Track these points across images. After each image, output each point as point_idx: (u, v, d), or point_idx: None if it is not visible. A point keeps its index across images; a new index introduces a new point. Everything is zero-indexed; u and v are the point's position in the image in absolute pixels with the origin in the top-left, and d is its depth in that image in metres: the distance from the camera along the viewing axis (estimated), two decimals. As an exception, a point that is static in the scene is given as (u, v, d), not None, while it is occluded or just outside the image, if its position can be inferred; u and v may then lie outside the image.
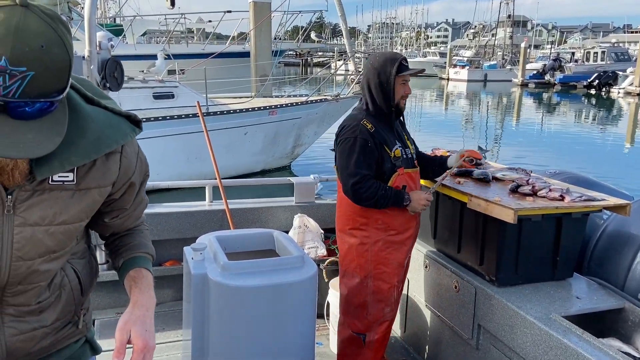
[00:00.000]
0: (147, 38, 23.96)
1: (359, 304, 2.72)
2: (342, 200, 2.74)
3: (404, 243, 2.72)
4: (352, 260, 2.70)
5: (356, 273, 2.70)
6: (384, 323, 2.77)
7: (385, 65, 2.56)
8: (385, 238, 2.65)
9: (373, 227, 2.63)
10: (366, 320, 2.73)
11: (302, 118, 11.48)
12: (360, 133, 2.52)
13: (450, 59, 52.86)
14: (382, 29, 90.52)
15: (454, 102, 33.88)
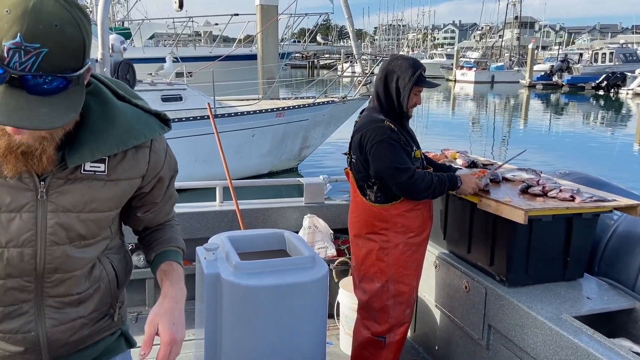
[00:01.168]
0: (154, 41, 24.10)
1: (380, 307, 2.72)
2: (357, 205, 2.71)
3: (422, 244, 2.73)
4: (372, 265, 2.69)
5: (377, 277, 2.69)
6: (404, 324, 2.78)
7: (406, 73, 2.56)
8: (405, 241, 2.64)
9: (393, 230, 2.62)
10: (387, 324, 2.72)
11: (310, 120, 11.51)
12: (389, 132, 2.51)
13: (457, 60, 52.77)
14: (389, 30, 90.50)
15: (460, 103, 33.80)
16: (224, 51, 15.73)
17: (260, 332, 2.42)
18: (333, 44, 46.57)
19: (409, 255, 2.67)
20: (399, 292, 2.69)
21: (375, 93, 2.67)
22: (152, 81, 10.23)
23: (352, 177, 2.72)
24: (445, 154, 3.34)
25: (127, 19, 23.79)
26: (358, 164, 2.63)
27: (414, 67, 2.57)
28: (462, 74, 50.11)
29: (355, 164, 2.66)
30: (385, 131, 2.51)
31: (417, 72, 2.55)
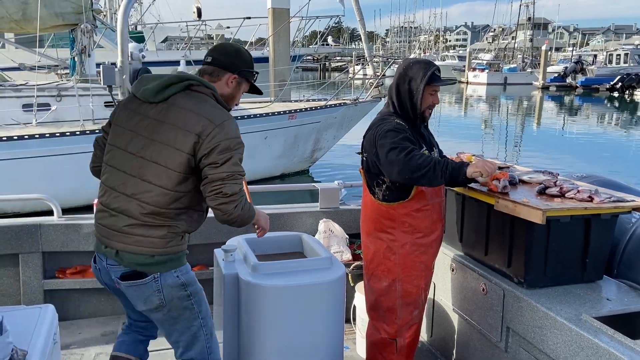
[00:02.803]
0: (167, 45, 24.29)
1: (387, 307, 2.73)
2: (367, 204, 2.75)
3: (431, 245, 2.72)
4: (380, 264, 2.71)
5: (384, 276, 2.70)
6: (413, 326, 2.78)
7: (417, 73, 2.56)
8: (412, 241, 2.64)
9: (400, 230, 2.63)
10: (395, 324, 2.72)
11: (322, 122, 11.53)
12: (396, 124, 2.52)
13: (470, 62, 52.51)
14: (401, 33, 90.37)
15: (473, 105, 33.64)
16: (236, 54, 15.75)
17: (279, 332, 2.43)
18: (344, 47, 46.61)
19: (417, 256, 2.66)
20: (406, 292, 2.69)
21: (389, 96, 2.68)
22: (166, 84, 10.31)
23: (364, 176, 2.74)
24: (460, 157, 3.33)
25: (140, 23, 24.02)
26: (369, 161, 2.65)
27: (426, 68, 2.57)
28: (474, 75, 49.84)
29: (366, 162, 2.68)
30: (392, 122, 2.53)
31: (429, 71, 2.55)
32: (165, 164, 2.00)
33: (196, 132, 1.98)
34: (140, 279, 2.04)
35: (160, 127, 2.03)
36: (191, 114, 2.01)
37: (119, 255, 2.06)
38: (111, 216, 2.09)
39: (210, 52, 2.23)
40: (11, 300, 3.48)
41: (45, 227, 3.47)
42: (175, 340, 2.25)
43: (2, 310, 2.36)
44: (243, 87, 2.27)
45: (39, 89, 8.69)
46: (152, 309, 2.12)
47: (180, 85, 2.08)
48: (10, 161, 7.98)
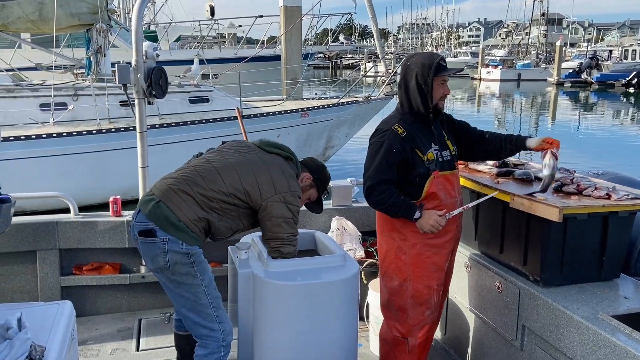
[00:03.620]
0: (180, 44, 24.42)
1: (399, 307, 2.72)
2: None
3: (443, 246, 2.68)
4: (391, 263, 2.70)
5: (395, 276, 2.69)
6: (425, 327, 2.76)
7: (424, 66, 2.52)
8: (423, 241, 2.62)
9: (410, 229, 2.60)
10: (407, 324, 2.71)
11: (334, 120, 11.51)
12: (388, 138, 2.51)
13: (483, 58, 52.05)
14: (413, 29, 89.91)
15: (486, 102, 33.37)
16: (248, 53, 15.85)
17: (293, 330, 2.44)
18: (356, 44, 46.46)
19: (428, 257, 2.64)
20: (418, 292, 2.67)
21: (399, 97, 2.66)
22: (179, 83, 10.38)
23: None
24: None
25: (153, 22, 24.18)
26: None
27: (430, 59, 2.54)
28: (487, 72, 49.36)
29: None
30: (384, 136, 2.54)
31: (433, 63, 2.51)
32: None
33: (265, 195, 2.44)
34: (151, 237, 2.33)
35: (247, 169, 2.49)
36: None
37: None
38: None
39: (306, 158, 2.81)
40: (29, 296, 3.53)
41: (62, 225, 3.52)
42: (181, 305, 2.43)
43: (20, 307, 2.39)
44: (312, 191, 2.74)
45: (56, 88, 8.79)
46: (157, 269, 2.38)
47: (282, 153, 2.62)
48: (29, 160, 8.09)
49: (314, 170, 2.73)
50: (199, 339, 2.46)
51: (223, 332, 2.45)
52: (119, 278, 3.64)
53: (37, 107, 8.83)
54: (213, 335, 2.44)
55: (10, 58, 10.47)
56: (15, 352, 1.92)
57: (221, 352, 2.46)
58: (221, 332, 2.45)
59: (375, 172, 2.51)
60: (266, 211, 2.43)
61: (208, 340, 2.44)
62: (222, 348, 2.46)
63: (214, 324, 2.44)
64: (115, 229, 3.54)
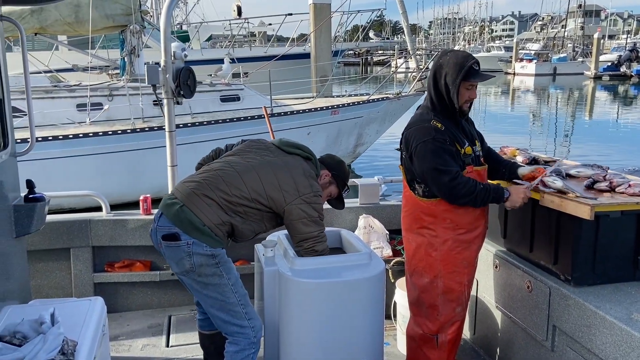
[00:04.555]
0: (211, 43, 24.73)
1: (429, 304, 2.69)
2: (407, 200, 2.72)
3: (473, 242, 2.67)
4: (421, 260, 2.68)
5: (425, 273, 2.67)
6: (456, 323, 2.73)
7: (454, 69, 2.49)
8: (454, 237, 2.60)
9: (441, 226, 2.59)
10: (438, 321, 2.69)
11: (364, 117, 11.47)
12: (434, 132, 2.48)
13: (517, 52, 50.92)
14: (444, 24, 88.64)
15: (520, 97, 32.65)
16: (278, 51, 15.95)
17: (319, 327, 2.44)
18: (386, 40, 46.12)
19: (459, 252, 2.62)
20: (449, 289, 2.65)
21: (427, 92, 2.63)
22: (211, 82, 10.52)
23: (403, 172, 2.72)
24: (504, 150, 3.24)
25: (185, 23, 24.56)
26: (407, 160, 2.63)
27: (462, 62, 2.49)
28: (521, 66, 48.28)
29: (405, 160, 2.67)
30: (430, 132, 2.49)
31: (465, 66, 2.47)
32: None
33: (289, 198, 2.45)
34: (176, 241, 2.35)
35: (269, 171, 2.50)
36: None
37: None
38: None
39: (324, 156, 2.84)
40: (63, 293, 3.64)
41: (95, 223, 3.62)
42: (209, 305, 2.46)
43: (54, 302, 2.47)
44: (332, 188, 2.75)
45: (92, 89, 9.04)
46: (183, 272, 2.41)
47: (301, 153, 2.64)
48: (66, 159, 8.35)
49: (332, 167, 2.74)
50: (230, 337, 2.49)
51: (253, 328, 2.48)
52: (149, 275, 3.72)
53: (74, 108, 9.10)
54: (243, 332, 2.46)
55: (48, 60, 10.80)
56: (48, 346, 1.98)
57: (252, 349, 2.48)
58: (251, 328, 2.47)
59: (445, 167, 2.45)
60: (292, 214, 2.43)
61: (239, 337, 2.47)
62: (252, 344, 2.48)
63: (244, 321, 2.46)
64: (145, 227, 3.62)
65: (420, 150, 2.50)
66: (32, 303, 2.63)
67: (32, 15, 8.57)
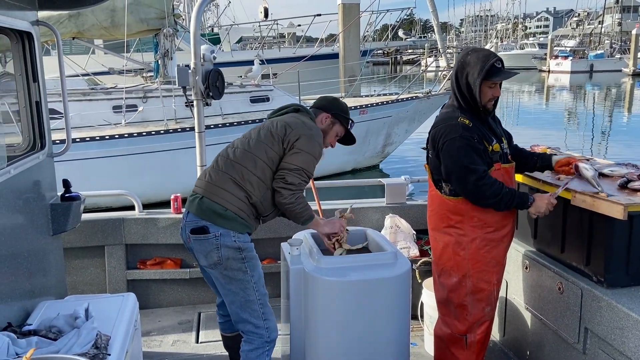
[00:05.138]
0: (241, 45, 24.98)
1: (458, 304, 2.67)
2: (433, 198, 2.70)
3: (502, 240, 2.63)
4: (449, 259, 2.65)
5: (454, 272, 2.64)
6: (485, 323, 2.70)
7: (474, 67, 2.47)
8: (482, 236, 2.57)
9: (469, 224, 2.57)
10: (467, 321, 2.67)
11: (393, 116, 11.41)
12: (462, 130, 2.46)
13: (552, 49, 49.73)
14: (476, 22, 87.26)
15: (555, 95, 31.88)
16: (307, 51, 16.00)
17: (344, 326, 2.45)
18: (416, 39, 45.71)
19: (487, 251, 2.59)
20: (478, 288, 2.62)
21: (452, 89, 2.61)
22: (241, 83, 10.66)
23: (429, 172, 2.70)
24: (534, 149, 3.18)
25: (216, 25, 24.88)
26: (433, 159, 2.61)
27: (484, 61, 2.46)
28: (556, 63, 47.14)
29: (431, 159, 2.65)
30: (458, 129, 2.46)
31: (486, 65, 2.44)
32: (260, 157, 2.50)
33: (280, 135, 2.50)
34: (204, 233, 2.41)
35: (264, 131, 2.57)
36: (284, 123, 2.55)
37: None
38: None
39: (316, 101, 2.81)
40: (98, 288, 3.75)
41: (128, 221, 3.71)
42: (230, 300, 2.51)
43: (88, 298, 2.55)
44: (336, 128, 2.71)
45: (127, 91, 9.28)
46: (212, 265, 2.46)
47: (290, 109, 2.70)
48: (103, 159, 8.59)
49: (328, 107, 2.72)
50: (245, 335, 2.54)
51: (267, 329, 2.52)
52: (179, 273, 3.80)
53: (110, 109, 9.35)
54: (257, 332, 2.51)
55: (85, 63, 11.12)
56: (82, 340, 2.04)
57: (265, 348, 2.53)
58: (265, 329, 2.51)
59: (472, 165, 2.43)
60: (288, 147, 2.47)
61: (253, 337, 2.51)
62: (266, 344, 2.53)
63: (260, 321, 2.50)
64: (175, 225, 3.70)
65: (448, 148, 2.48)
66: (68, 298, 2.72)
67: (70, 20, 8.85)
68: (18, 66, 2.62)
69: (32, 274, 2.51)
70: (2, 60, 2.85)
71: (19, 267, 2.36)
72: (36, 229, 2.60)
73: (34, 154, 2.62)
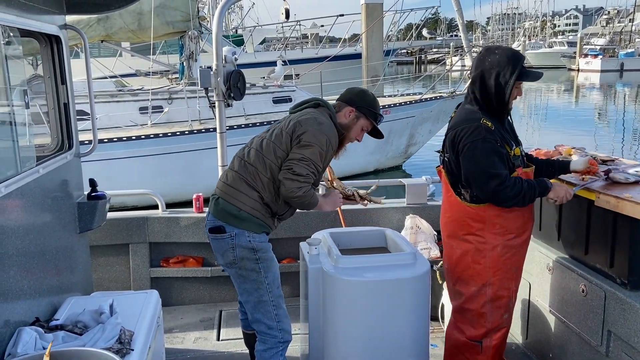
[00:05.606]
0: (265, 46, 25.14)
1: (476, 311, 2.62)
2: (452, 205, 2.62)
3: (522, 246, 2.59)
4: (468, 268, 2.58)
5: (472, 281, 2.58)
6: (502, 329, 2.67)
7: (506, 68, 2.40)
8: (504, 243, 2.52)
9: (490, 231, 2.50)
10: (484, 328, 2.62)
11: (416, 117, 11.33)
12: (485, 132, 2.39)
13: (581, 48, 48.66)
14: (503, 20, 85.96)
15: (584, 94, 31.20)
16: (329, 52, 16.01)
17: (362, 326, 2.46)
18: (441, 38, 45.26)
19: (508, 258, 2.54)
20: (497, 296, 2.57)
21: (471, 89, 2.52)
22: (264, 84, 10.74)
23: (445, 176, 2.62)
24: (559, 149, 3.13)
25: (240, 27, 25.08)
26: (451, 162, 2.53)
27: (514, 61, 2.41)
28: (586, 62, 46.12)
29: (448, 163, 2.56)
30: (481, 132, 2.38)
31: (518, 66, 2.40)
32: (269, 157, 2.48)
33: (289, 133, 2.45)
34: (220, 233, 2.45)
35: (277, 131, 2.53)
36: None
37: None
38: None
39: (341, 94, 2.71)
40: (122, 285, 3.83)
41: (151, 220, 3.79)
42: (245, 300, 2.56)
43: (112, 295, 2.62)
44: (362, 122, 2.62)
45: (153, 92, 9.47)
46: (227, 264, 2.51)
47: (310, 103, 2.62)
48: (129, 159, 8.78)
49: (353, 101, 2.61)
50: (259, 335, 2.56)
51: (280, 330, 2.53)
52: (201, 271, 3.86)
53: (137, 111, 9.54)
54: (270, 333, 2.53)
55: (113, 65, 11.36)
56: (107, 335, 2.10)
57: (279, 348, 2.54)
58: (278, 330, 2.53)
59: (494, 169, 2.38)
60: (295, 141, 2.42)
61: (266, 337, 2.54)
62: (279, 344, 2.54)
63: (273, 322, 2.52)
64: (197, 224, 3.76)
65: (469, 151, 2.40)
66: (94, 295, 2.80)
67: (99, 23, 9.06)
68: (47, 69, 2.70)
69: (59, 270, 2.59)
70: (34, 63, 2.94)
71: (47, 263, 2.43)
72: (63, 227, 2.68)
73: (61, 154, 2.70)
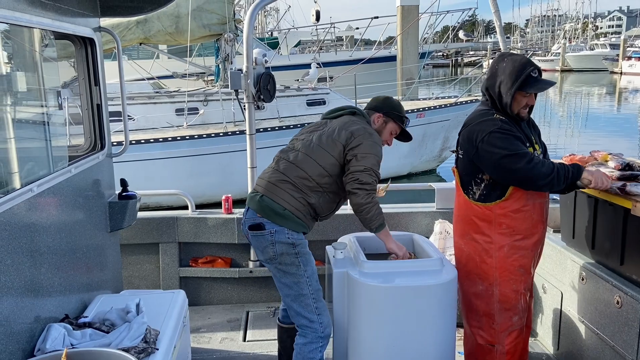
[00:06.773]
0: (300, 48, 25.27)
1: (484, 312, 2.61)
2: (460, 204, 2.65)
3: (531, 249, 2.56)
4: (475, 267, 2.60)
5: (479, 279, 2.59)
6: (513, 333, 2.63)
7: (510, 77, 2.39)
8: (511, 243, 2.51)
9: (496, 231, 2.51)
10: (493, 330, 2.60)
11: (451, 120, 11.18)
12: (500, 122, 2.40)
13: (624, 50, 47.04)
14: (542, 22, 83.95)
15: (627, 98, 30.12)
16: (363, 54, 15.97)
17: (386, 332, 2.43)
18: (479, 40, 44.51)
19: (515, 259, 2.51)
20: (505, 297, 2.55)
21: (483, 95, 2.55)
22: (298, 87, 10.79)
23: (457, 175, 2.63)
24: (594, 155, 3.02)
25: (276, 29, 25.31)
26: (465, 159, 2.54)
27: (519, 71, 2.37)
28: (629, 65, 44.55)
29: (461, 161, 2.57)
30: (495, 122, 2.40)
31: (520, 77, 2.36)
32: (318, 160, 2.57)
33: (342, 142, 2.56)
34: (260, 230, 2.51)
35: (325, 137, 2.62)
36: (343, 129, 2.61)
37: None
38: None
39: (368, 103, 2.85)
40: (152, 284, 3.91)
41: (181, 220, 3.85)
42: (285, 294, 2.58)
43: (140, 294, 2.67)
44: (390, 126, 2.77)
45: (189, 94, 9.63)
46: (268, 259, 2.55)
47: (347, 111, 2.74)
48: (165, 160, 8.95)
49: (379, 108, 2.78)
50: (299, 329, 2.57)
51: (321, 324, 2.53)
52: (229, 272, 3.89)
53: (173, 112, 9.73)
54: (311, 326, 2.53)
55: (150, 67, 11.62)
56: (133, 334, 2.14)
57: (319, 343, 2.54)
58: (319, 323, 2.53)
59: (520, 151, 2.34)
60: (351, 153, 2.52)
61: (307, 330, 2.54)
62: (320, 339, 2.54)
63: (313, 315, 2.53)
64: (226, 225, 3.79)
65: (488, 142, 2.38)
66: (123, 293, 2.86)
67: (137, 26, 9.28)
68: (81, 70, 2.78)
69: (90, 268, 2.65)
70: (75, 65, 3.02)
71: (77, 261, 2.50)
72: (94, 226, 2.75)
73: (94, 154, 2.77)
